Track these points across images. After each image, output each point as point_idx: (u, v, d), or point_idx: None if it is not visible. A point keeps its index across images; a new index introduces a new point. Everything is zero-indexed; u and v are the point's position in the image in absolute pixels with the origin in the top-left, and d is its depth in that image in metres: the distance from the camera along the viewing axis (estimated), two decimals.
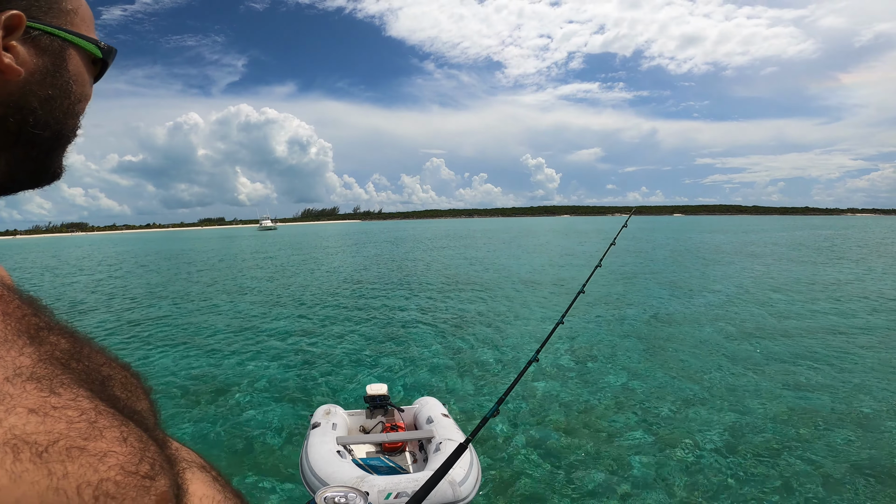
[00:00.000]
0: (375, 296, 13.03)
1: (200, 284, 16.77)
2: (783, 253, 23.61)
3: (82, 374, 0.37)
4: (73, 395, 0.33)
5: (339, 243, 43.48)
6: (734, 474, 3.93)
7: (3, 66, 0.35)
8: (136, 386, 0.46)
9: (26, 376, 0.31)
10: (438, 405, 3.69)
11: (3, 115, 0.37)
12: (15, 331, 0.34)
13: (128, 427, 0.34)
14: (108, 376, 0.42)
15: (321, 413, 3.54)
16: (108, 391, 0.40)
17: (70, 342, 0.40)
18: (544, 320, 9.55)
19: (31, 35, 0.38)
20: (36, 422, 0.29)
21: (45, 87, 0.39)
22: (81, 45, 0.42)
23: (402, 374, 6.56)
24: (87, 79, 0.44)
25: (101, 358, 0.43)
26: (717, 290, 12.53)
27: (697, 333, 8.24)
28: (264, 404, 5.56)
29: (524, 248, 30.48)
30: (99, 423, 0.32)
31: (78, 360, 0.39)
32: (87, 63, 0.44)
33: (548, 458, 4.25)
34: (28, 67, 0.37)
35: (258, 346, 8.15)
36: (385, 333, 8.77)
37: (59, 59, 0.40)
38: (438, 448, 3.05)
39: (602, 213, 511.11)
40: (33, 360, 0.33)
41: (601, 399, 5.49)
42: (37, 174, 0.43)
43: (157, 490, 0.33)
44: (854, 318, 9.18)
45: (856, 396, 5.38)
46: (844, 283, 13.62)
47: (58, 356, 0.36)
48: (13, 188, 0.43)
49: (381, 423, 3.70)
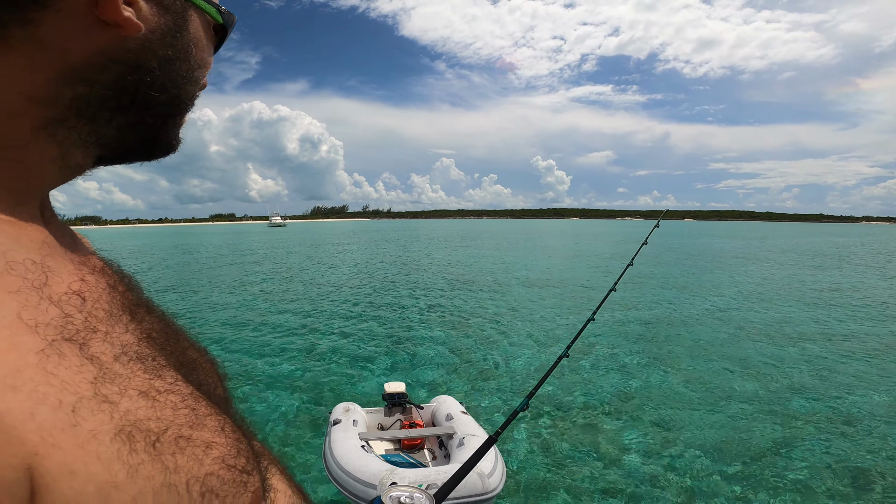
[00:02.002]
0: (390, 294, 13.04)
1: (219, 279, 16.94)
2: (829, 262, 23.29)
3: (174, 356, 0.36)
4: (172, 379, 0.31)
5: (351, 241, 43.69)
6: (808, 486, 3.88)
7: (123, 19, 0.33)
8: (215, 372, 0.44)
9: (132, 355, 0.30)
10: (456, 403, 3.70)
11: (121, 73, 0.35)
12: (120, 305, 0.33)
13: (222, 416, 0.33)
14: (195, 360, 0.40)
15: (340, 410, 3.56)
16: (195, 377, 0.38)
17: (161, 322, 0.38)
18: (561, 318, 9.52)
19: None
20: (147, 406, 0.27)
21: (164, 47, 0.37)
22: (203, 8, 0.40)
23: (418, 373, 6.57)
24: (207, 45, 0.42)
25: (186, 341, 0.42)
26: (741, 295, 12.40)
27: (731, 334, 8.16)
28: (280, 399, 5.59)
29: (539, 248, 30.39)
30: (199, 411, 0.31)
31: (169, 340, 0.37)
32: (207, 28, 0.42)
33: (572, 455, 4.24)
34: (149, 24, 0.35)
35: (273, 341, 8.20)
36: (402, 332, 8.77)
37: (181, 20, 0.38)
38: (462, 443, 3.06)
39: (612, 216, 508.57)
40: (137, 338, 0.32)
41: (628, 396, 5.46)
42: (149, 143, 0.41)
43: (252, 486, 0.32)
44: None
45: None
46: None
47: (154, 336, 0.35)
48: (124, 157, 0.41)
49: (399, 420, 3.72)
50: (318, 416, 5.09)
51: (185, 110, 0.42)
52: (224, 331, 8.97)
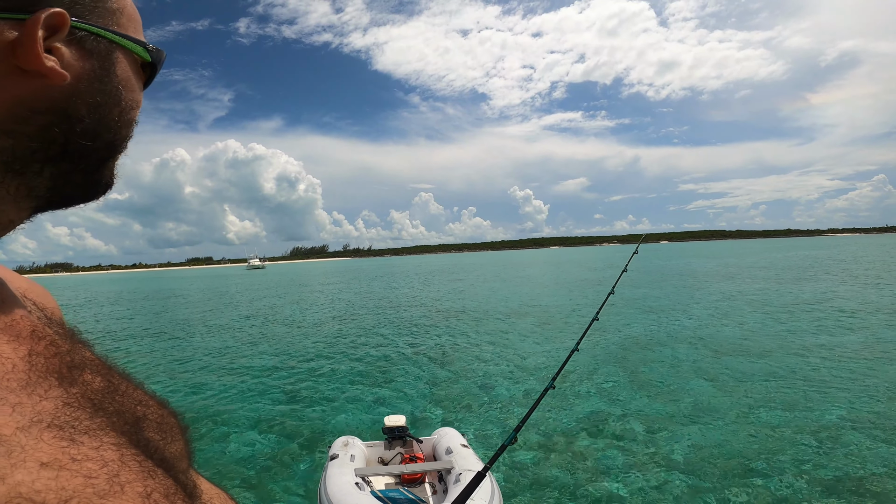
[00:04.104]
0: (383, 331, 12.89)
1: (202, 324, 16.46)
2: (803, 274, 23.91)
3: (115, 415, 0.34)
4: (97, 444, 0.29)
5: (334, 280, 43.24)
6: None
7: (46, 69, 0.31)
8: (172, 425, 0.42)
9: (46, 423, 0.28)
10: (458, 435, 3.63)
11: (47, 123, 0.33)
12: (41, 372, 0.31)
13: (154, 479, 0.31)
14: (143, 416, 0.39)
15: (339, 444, 3.49)
16: (140, 433, 0.36)
17: (105, 380, 0.36)
18: (552, 347, 9.49)
19: (76, 36, 0.34)
20: (47, 478, 0.25)
21: (93, 93, 0.35)
22: (129, 48, 0.38)
23: (419, 406, 6.49)
24: (136, 84, 0.40)
25: (138, 395, 0.40)
26: (724, 315, 12.59)
27: (720, 354, 8.23)
28: (280, 436, 5.48)
29: (522, 279, 30.53)
30: (121, 477, 0.29)
31: (112, 399, 0.36)
32: (136, 67, 0.40)
33: (568, 486, 4.16)
34: (74, 71, 0.33)
35: (270, 380, 7.98)
36: (400, 366, 8.68)
37: (107, 63, 0.36)
38: (458, 479, 2.98)
39: (590, 243, 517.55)
40: (57, 406, 0.29)
41: (619, 425, 5.42)
42: (87, 187, 0.39)
43: None
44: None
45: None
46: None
47: (89, 396, 0.33)
48: (61, 203, 0.39)
49: (399, 454, 3.62)
50: (316, 452, 5.01)
51: (120, 152, 0.40)
52: (209, 374, 8.67)
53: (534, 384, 7.22)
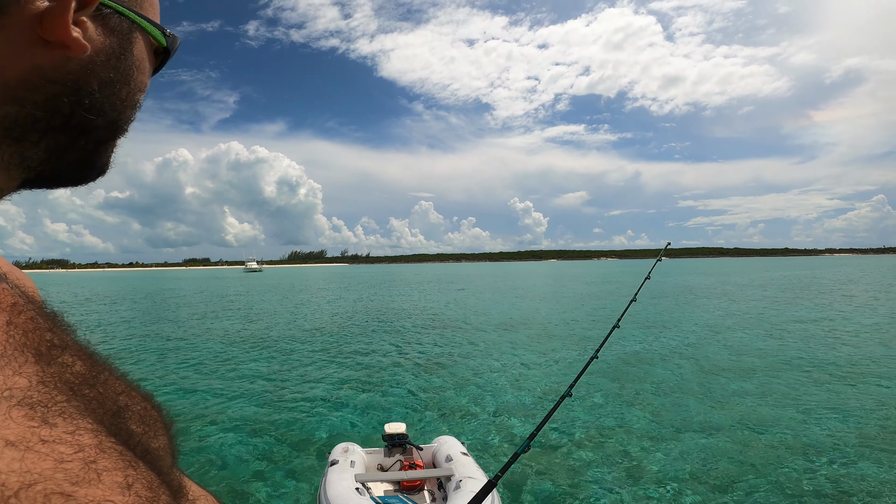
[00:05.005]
0: (387, 337, 12.90)
1: (204, 326, 16.42)
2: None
3: (94, 402, 0.33)
4: (73, 428, 0.27)
5: (334, 285, 43.16)
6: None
7: (70, 39, 0.32)
8: (156, 419, 0.40)
9: (17, 400, 0.26)
10: (458, 444, 3.65)
11: (56, 93, 0.33)
12: (18, 345, 0.29)
13: (136, 470, 0.29)
14: (125, 406, 0.37)
15: (339, 451, 3.51)
16: (121, 424, 0.35)
17: (87, 365, 0.35)
18: (553, 358, 9.50)
19: (102, 13, 0.35)
20: (11, 458, 0.23)
21: (107, 69, 0.36)
22: (149, 31, 0.39)
23: (419, 413, 6.48)
24: (148, 68, 0.41)
25: (120, 385, 0.38)
26: (744, 329, 12.62)
27: (735, 370, 8.24)
28: (280, 442, 5.48)
29: (523, 290, 30.52)
30: (98, 465, 0.27)
31: (92, 385, 0.34)
32: (150, 51, 0.41)
33: (571, 494, 4.15)
34: (94, 46, 0.34)
35: (270, 385, 7.95)
36: (402, 373, 8.67)
37: (126, 42, 0.37)
38: (459, 486, 2.99)
39: (588, 257, 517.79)
40: (31, 383, 0.28)
41: (632, 435, 5.44)
42: (81, 167, 0.39)
43: None
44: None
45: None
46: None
47: (68, 379, 0.32)
48: (52, 182, 0.38)
49: (399, 461, 3.64)
50: (316, 457, 5.01)
51: (120, 134, 0.40)
52: (219, 372, 8.64)
53: (534, 395, 7.21)
